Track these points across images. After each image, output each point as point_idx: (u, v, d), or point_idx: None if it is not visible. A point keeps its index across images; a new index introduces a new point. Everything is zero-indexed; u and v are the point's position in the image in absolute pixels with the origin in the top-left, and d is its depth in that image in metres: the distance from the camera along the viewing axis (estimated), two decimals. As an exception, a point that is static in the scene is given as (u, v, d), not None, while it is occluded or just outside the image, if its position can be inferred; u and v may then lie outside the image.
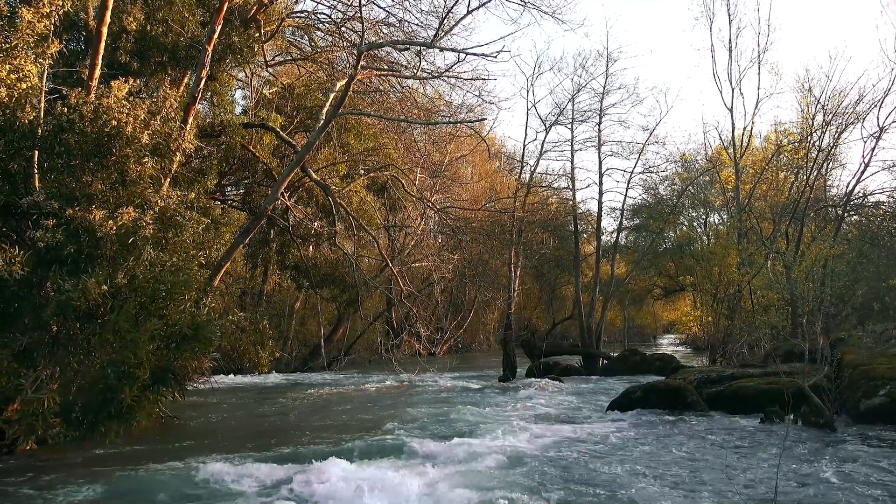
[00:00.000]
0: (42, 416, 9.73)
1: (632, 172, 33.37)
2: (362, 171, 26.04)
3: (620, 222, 35.43)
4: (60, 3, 11.54)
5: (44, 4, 11.08)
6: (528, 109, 32.91)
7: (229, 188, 26.45)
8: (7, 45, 10.61)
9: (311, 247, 26.61)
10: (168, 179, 13.07)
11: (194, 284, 11.39)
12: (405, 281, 23.38)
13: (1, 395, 9.91)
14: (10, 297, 9.77)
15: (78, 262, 10.17)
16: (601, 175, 32.42)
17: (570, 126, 31.98)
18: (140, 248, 10.57)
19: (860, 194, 27.29)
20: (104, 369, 9.88)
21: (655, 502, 8.35)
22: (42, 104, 11.54)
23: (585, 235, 38.32)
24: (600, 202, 32.93)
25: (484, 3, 17.08)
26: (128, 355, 9.81)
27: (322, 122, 17.39)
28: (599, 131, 32.24)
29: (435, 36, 17.00)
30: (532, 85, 39.79)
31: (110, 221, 10.25)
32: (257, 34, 18.46)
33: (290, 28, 22.09)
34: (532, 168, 31.84)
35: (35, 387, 9.61)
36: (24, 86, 10.78)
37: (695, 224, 43.38)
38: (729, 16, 30.19)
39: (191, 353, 11.40)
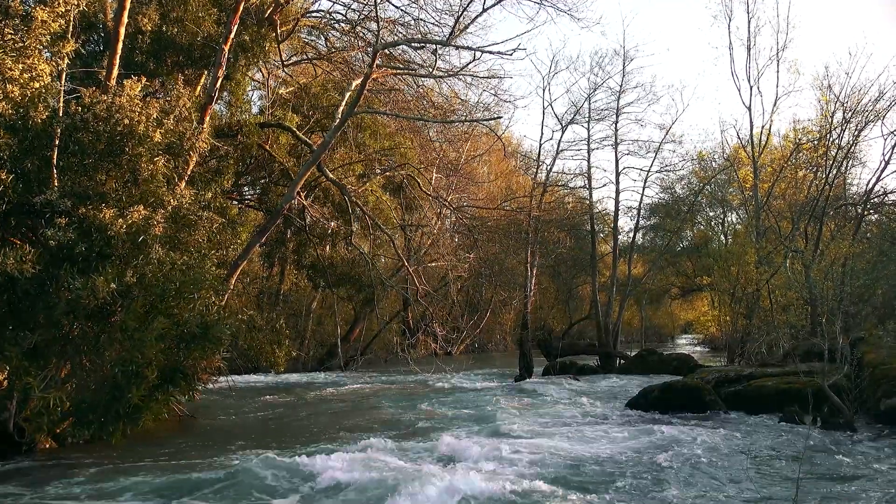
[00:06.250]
0: (48, 415, 9.75)
1: (648, 171, 33.14)
2: (378, 171, 26.01)
3: (637, 221, 35.18)
4: (76, 3, 11.58)
5: (59, 4, 11.11)
6: (544, 108, 32.74)
7: (246, 188, 26.50)
8: (20, 44, 10.63)
9: (327, 246, 26.65)
10: (184, 179, 13.10)
11: (205, 283, 11.37)
12: (421, 280, 23.34)
13: (18, 393, 9.95)
14: (22, 295, 9.79)
15: (89, 260, 10.18)
16: (618, 174, 32.24)
17: (586, 125, 31.82)
18: (150, 247, 10.57)
19: (880, 192, 27.01)
20: (112, 368, 9.88)
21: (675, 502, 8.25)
22: (61, 104, 11.57)
23: (602, 235, 38.14)
24: (617, 201, 32.75)
25: (499, 1, 16.98)
26: (136, 354, 9.81)
27: (338, 121, 17.38)
28: (616, 130, 32.04)
29: (450, 34, 16.92)
30: (548, 83, 39.52)
31: (120, 220, 10.27)
32: (273, 34, 18.48)
33: (306, 28, 22.11)
34: (548, 167, 31.77)
35: (44, 385, 9.63)
36: (36, 85, 10.79)
37: (712, 223, 43.10)
38: (748, 14, 29.88)
39: (200, 353, 11.42)
